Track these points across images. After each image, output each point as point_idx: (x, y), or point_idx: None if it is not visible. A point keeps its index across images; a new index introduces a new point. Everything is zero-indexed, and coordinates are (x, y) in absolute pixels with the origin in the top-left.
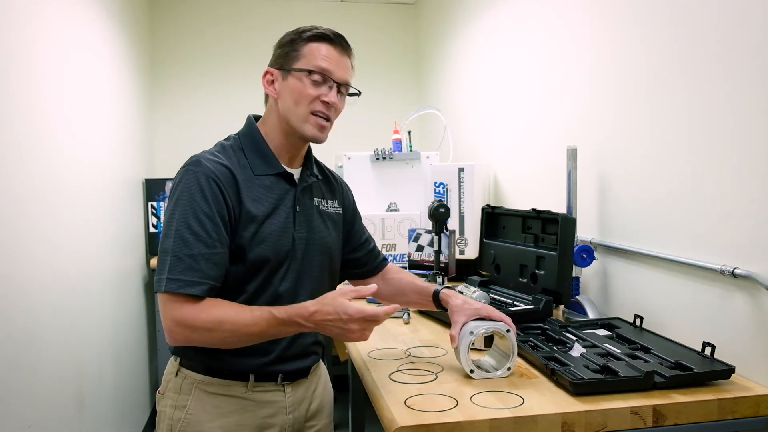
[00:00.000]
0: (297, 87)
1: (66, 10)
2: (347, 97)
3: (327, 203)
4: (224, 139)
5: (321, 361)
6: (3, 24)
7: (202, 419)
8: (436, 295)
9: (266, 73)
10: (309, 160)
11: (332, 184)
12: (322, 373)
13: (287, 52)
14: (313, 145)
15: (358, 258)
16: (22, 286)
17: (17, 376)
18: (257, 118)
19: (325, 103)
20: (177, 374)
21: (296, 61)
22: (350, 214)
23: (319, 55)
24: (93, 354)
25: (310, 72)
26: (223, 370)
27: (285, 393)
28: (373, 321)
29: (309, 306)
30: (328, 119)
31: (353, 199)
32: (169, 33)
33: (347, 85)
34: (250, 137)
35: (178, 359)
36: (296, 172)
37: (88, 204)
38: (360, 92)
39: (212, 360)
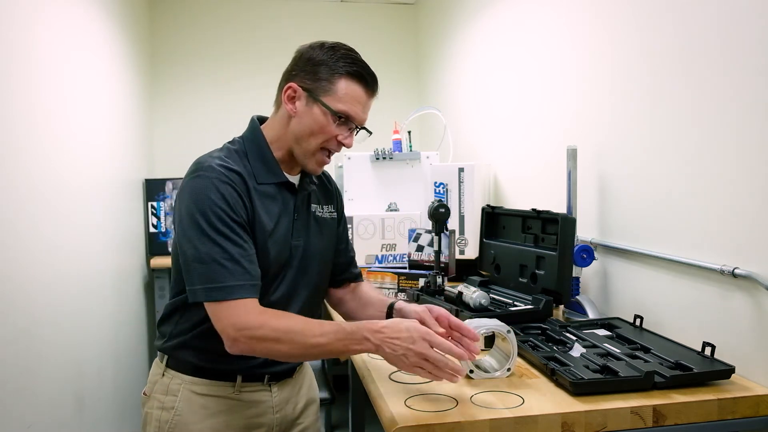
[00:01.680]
0: (320, 120)
1: (66, 10)
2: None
3: (323, 208)
4: (230, 143)
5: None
6: (3, 24)
7: (191, 420)
8: (390, 307)
9: (288, 87)
10: None
11: (328, 188)
12: (306, 372)
13: (319, 78)
14: None
15: (336, 263)
16: (22, 286)
17: (17, 376)
18: (261, 119)
19: (341, 145)
20: (164, 375)
21: (327, 93)
22: (339, 218)
23: (353, 98)
24: (93, 354)
25: (338, 114)
26: (210, 371)
27: (272, 393)
28: (434, 344)
29: (379, 322)
30: (330, 155)
31: (343, 206)
32: (169, 33)
33: (364, 126)
34: (254, 143)
35: (165, 360)
36: (296, 179)
37: (88, 204)
38: (371, 132)
39: (200, 361)
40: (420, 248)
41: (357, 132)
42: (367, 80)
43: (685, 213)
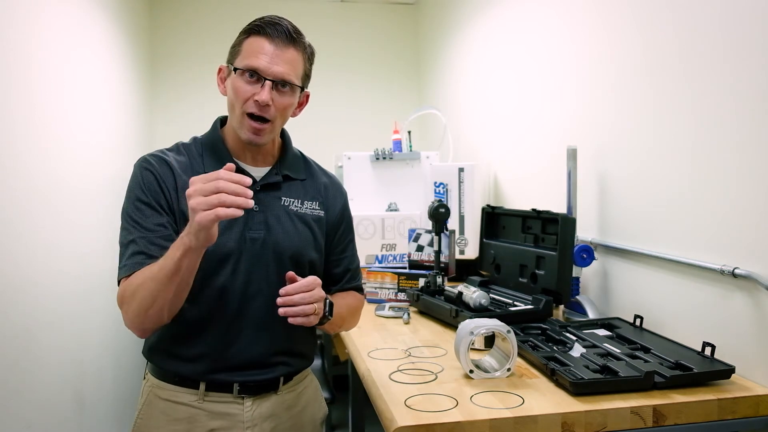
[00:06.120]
0: (234, 85)
1: (66, 10)
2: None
3: (302, 204)
4: (187, 140)
5: (311, 376)
6: (3, 24)
7: (152, 424)
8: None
9: (220, 69)
10: (283, 159)
11: (316, 185)
12: (306, 390)
13: (234, 46)
14: (314, 145)
15: (327, 273)
16: (21, 286)
17: (17, 377)
18: (226, 120)
19: (257, 103)
20: (145, 377)
21: (237, 57)
22: (333, 221)
23: (254, 51)
24: (93, 354)
25: (242, 70)
26: (175, 375)
27: (243, 406)
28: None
29: None
30: (263, 121)
31: (343, 209)
32: (169, 33)
33: (284, 81)
34: (210, 138)
35: (147, 364)
36: (261, 170)
37: (88, 204)
38: (303, 87)
39: (165, 361)
40: (420, 248)
41: (279, 87)
42: (268, 31)
43: (685, 213)
